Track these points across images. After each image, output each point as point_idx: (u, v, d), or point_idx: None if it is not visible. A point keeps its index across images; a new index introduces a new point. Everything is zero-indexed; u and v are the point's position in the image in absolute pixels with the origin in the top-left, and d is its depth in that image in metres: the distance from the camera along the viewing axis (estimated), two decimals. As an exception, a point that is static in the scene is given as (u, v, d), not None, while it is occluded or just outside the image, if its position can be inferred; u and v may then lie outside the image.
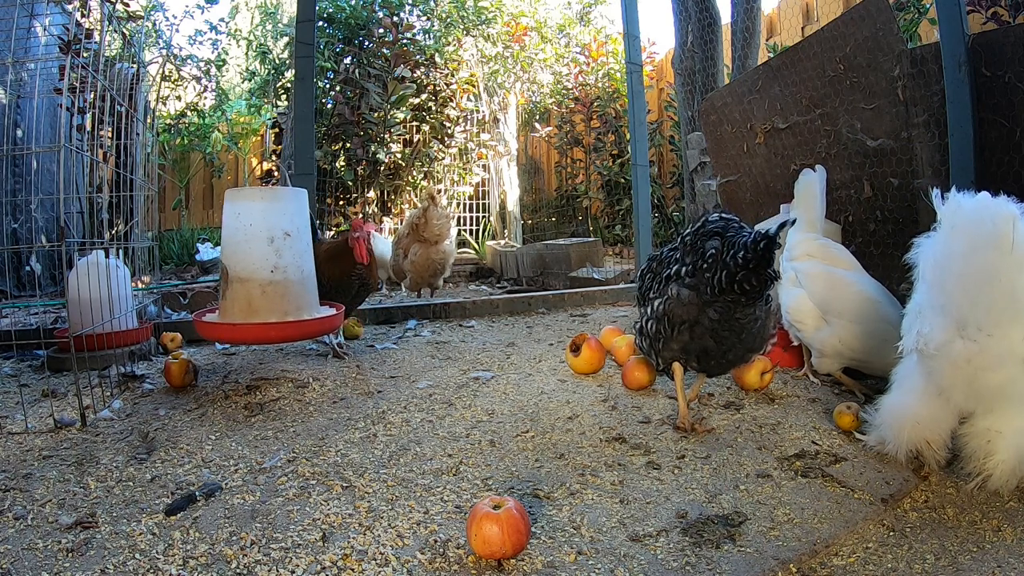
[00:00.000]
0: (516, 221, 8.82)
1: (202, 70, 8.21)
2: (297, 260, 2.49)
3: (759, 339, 1.88)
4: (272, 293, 2.43)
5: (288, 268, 2.46)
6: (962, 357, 1.45)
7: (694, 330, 1.83)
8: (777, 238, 1.62)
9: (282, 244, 2.45)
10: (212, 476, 1.67)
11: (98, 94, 3.00)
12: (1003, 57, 2.43)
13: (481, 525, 1.24)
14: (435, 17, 8.51)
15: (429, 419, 2.10)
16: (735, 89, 3.75)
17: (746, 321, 1.81)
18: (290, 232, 2.47)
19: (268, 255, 2.44)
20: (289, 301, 2.46)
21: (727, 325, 1.80)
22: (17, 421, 2.09)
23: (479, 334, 3.60)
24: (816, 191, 2.44)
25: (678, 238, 1.97)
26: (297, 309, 2.47)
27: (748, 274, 1.68)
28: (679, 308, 1.84)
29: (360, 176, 7.78)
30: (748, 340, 1.85)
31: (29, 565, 1.26)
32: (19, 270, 5.47)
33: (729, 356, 1.89)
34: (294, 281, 2.47)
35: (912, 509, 1.54)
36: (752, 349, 1.90)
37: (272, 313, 2.43)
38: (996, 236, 1.37)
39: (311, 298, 2.57)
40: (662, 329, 1.90)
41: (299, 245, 2.50)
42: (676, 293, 1.84)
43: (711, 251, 1.77)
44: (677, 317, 1.85)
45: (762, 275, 1.68)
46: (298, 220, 2.52)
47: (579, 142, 9.10)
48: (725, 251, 1.73)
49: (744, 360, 1.94)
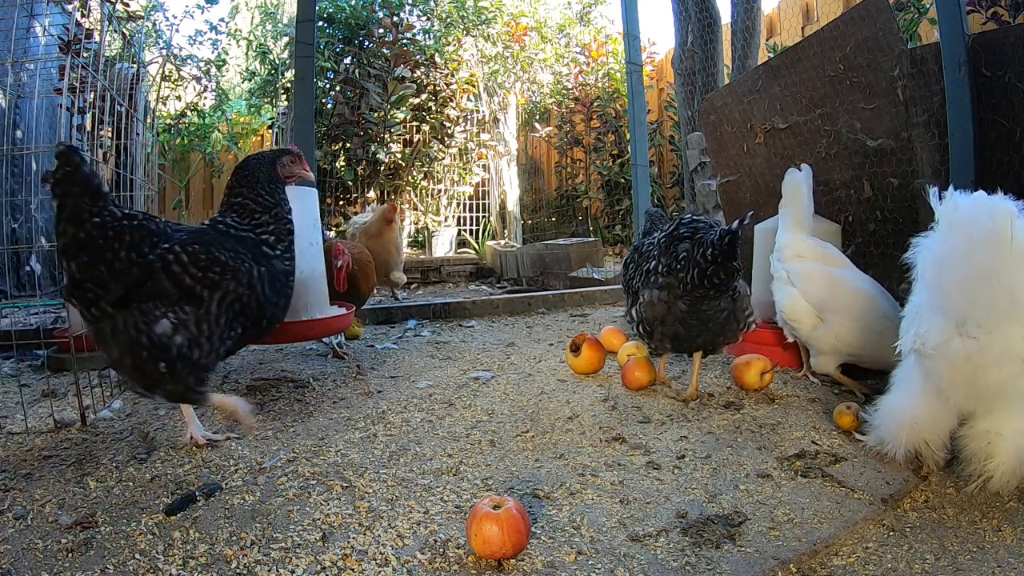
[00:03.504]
0: (516, 221, 8.82)
1: (202, 70, 8.21)
2: (297, 260, 2.46)
3: (728, 328, 2.17)
4: None
5: None
6: (961, 355, 1.44)
7: (666, 320, 2.16)
8: (739, 233, 1.89)
9: None
10: (212, 476, 1.67)
11: (98, 94, 2.99)
12: (1003, 57, 2.43)
13: (481, 525, 1.24)
14: (435, 17, 8.51)
15: (429, 419, 2.10)
16: (735, 89, 3.74)
17: (712, 312, 2.11)
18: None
19: None
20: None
21: (695, 316, 2.12)
22: (17, 421, 2.09)
23: (479, 334, 3.60)
24: (803, 191, 2.44)
25: (658, 231, 2.27)
26: (296, 310, 2.44)
27: (716, 268, 1.96)
28: (652, 308, 2.17)
29: (360, 176, 7.78)
30: (715, 328, 2.15)
31: (29, 565, 1.26)
32: (19, 270, 5.47)
33: (698, 340, 2.20)
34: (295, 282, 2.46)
35: (912, 509, 1.54)
36: (720, 334, 2.18)
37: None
38: (994, 234, 1.37)
39: (312, 299, 2.54)
40: (644, 324, 2.23)
41: (298, 245, 2.48)
42: (649, 297, 2.17)
43: (683, 253, 2.06)
44: (653, 315, 2.17)
45: (728, 268, 1.95)
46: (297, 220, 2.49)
47: (579, 142, 9.10)
48: (695, 250, 2.02)
49: (715, 344, 2.22)
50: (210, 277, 1.75)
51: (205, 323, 1.75)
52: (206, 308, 1.75)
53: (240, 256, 1.83)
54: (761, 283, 2.83)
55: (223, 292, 1.77)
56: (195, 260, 1.75)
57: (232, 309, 1.79)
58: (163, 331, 1.70)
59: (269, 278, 1.88)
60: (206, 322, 1.75)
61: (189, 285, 1.73)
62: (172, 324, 1.71)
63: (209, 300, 1.75)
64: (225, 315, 1.78)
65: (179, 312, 1.72)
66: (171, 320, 1.71)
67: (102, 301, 1.71)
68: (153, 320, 1.70)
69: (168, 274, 1.72)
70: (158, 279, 1.72)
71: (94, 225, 1.71)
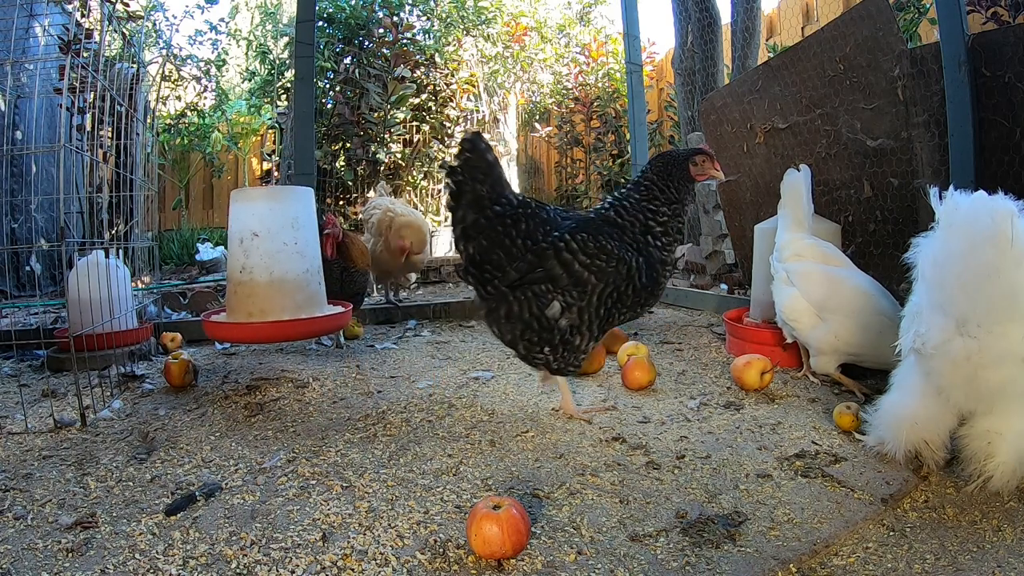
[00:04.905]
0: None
1: (202, 70, 8.21)
2: (266, 261, 2.43)
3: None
4: (242, 294, 2.43)
5: (256, 269, 2.43)
6: (962, 355, 1.44)
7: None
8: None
9: (250, 244, 2.44)
10: (212, 476, 1.67)
11: (98, 94, 2.99)
12: (1003, 57, 2.43)
13: (481, 525, 1.24)
14: (435, 17, 8.50)
15: (429, 419, 2.10)
16: (735, 89, 3.74)
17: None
18: (259, 232, 2.44)
19: (238, 256, 2.45)
20: (254, 303, 2.42)
21: None
22: (17, 421, 2.09)
23: (479, 334, 3.60)
24: (802, 191, 2.45)
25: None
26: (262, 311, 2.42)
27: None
28: None
29: (360, 176, 7.77)
30: None
31: (29, 565, 1.26)
32: (19, 270, 5.47)
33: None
34: (261, 282, 2.42)
35: (912, 509, 1.54)
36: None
37: (238, 313, 2.44)
38: (994, 233, 1.37)
39: (286, 301, 2.47)
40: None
41: (268, 246, 2.44)
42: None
43: None
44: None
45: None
46: (270, 220, 2.46)
47: (579, 142, 9.09)
48: None
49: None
50: (598, 264, 1.87)
51: (588, 307, 1.89)
52: (590, 294, 1.88)
53: (624, 245, 1.94)
54: (761, 283, 2.83)
55: (607, 279, 1.89)
56: (584, 248, 1.88)
57: (611, 296, 1.91)
58: (553, 313, 1.89)
59: (647, 267, 1.96)
60: (589, 306, 1.89)
61: (578, 271, 1.86)
62: (561, 307, 1.89)
63: (594, 287, 1.88)
64: (605, 302, 1.91)
65: (567, 296, 1.88)
66: (560, 303, 1.88)
67: (497, 281, 1.92)
68: (545, 303, 1.88)
69: (560, 261, 1.86)
70: (550, 265, 1.87)
71: (494, 213, 1.92)
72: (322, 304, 2.64)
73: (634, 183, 2.09)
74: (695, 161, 2.05)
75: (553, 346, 1.92)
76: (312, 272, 2.57)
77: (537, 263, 1.88)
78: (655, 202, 2.02)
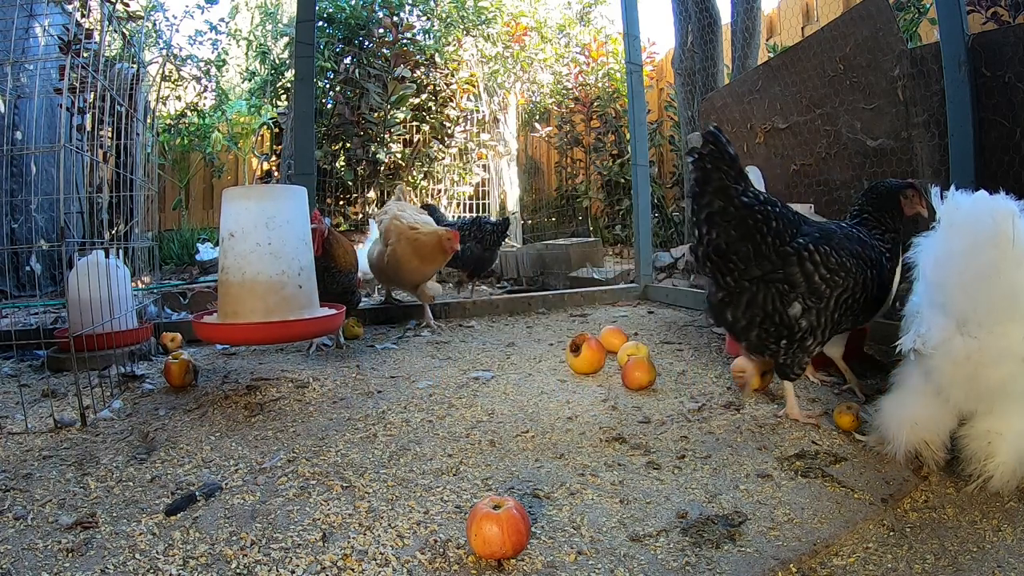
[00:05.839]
0: (516, 221, 8.82)
1: (202, 70, 8.22)
2: (239, 262, 2.38)
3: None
4: (221, 294, 2.42)
5: (230, 270, 2.39)
6: (962, 354, 1.44)
7: None
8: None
9: (227, 245, 2.42)
10: (212, 476, 1.67)
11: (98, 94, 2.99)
12: (1003, 57, 2.43)
13: (481, 525, 1.24)
14: (435, 17, 8.51)
15: (429, 419, 2.10)
16: (735, 89, 3.75)
17: None
18: (234, 233, 2.41)
19: (220, 256, 2.45)
20: (228, 303, 2.39)
21: None
22: (17, 421, 2.09)
23: (479, 334, 3.60)
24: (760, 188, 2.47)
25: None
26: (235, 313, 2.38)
27: None
28: None
29: (360, 176, 7.78)
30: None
31: (29, 565, 1.26)
32: (19, 270, 5.47)
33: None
34: (234, 283, 2.38)
35: (912, 509, 1.54)
36: None
37: (221, 314, 2.43)
38: (995, 233, 1.37)
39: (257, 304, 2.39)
40: None
41: (241, 247, 2.39)
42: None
43: None
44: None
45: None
46: (244, 220, 2.41)
47: (579, 142, 9.09)
48: None
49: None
50: (836, 280, 1.89)
51: (823, 315, 1.92)
52: (825, 303, 1.91)
53: (861, 262, 1.95)
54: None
55: (840, 292, 1.91)
56: (826, 261, 1.89)
57: (842, 307, 1.94)
58: (795, 314, 1.90)
59: (877, 279, 2.00)
60: (824, 314, 1.92)
61: (817, 283, 1.88)
62: (802, 308, 1.90)
63: (829, 297, 1.91)
64: (837, 311, 1.94)
65: (807, 299, 1.90)
66: (801, 304, 1.90)
67: (738, 274, 1.91)
68: (787, 301, 1.90)
69: (803, 271, 1.88)
70: (793, 271, 1.88)
71: (742, 203, 1.89)
72: (306, 307, 2.50)
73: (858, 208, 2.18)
74: (906, 195, 2.11)
75: (790, 341, 1.94)
76: (290, 274, 2.43)
77: (781, 265, 1.89)
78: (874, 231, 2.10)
